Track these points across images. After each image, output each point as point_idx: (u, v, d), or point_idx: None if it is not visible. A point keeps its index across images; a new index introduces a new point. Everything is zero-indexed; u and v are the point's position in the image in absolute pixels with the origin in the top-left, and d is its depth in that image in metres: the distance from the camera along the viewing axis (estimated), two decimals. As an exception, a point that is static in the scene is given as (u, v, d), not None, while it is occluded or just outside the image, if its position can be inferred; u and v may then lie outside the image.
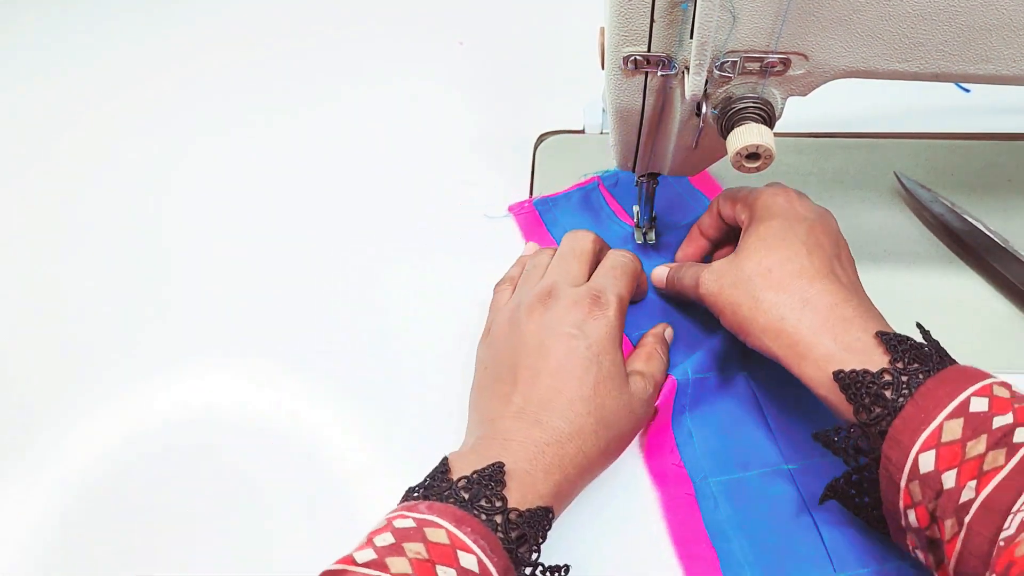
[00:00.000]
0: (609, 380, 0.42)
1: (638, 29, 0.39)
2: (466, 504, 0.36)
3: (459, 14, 0.75)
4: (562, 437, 0.40)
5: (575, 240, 0.49)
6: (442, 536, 0.34)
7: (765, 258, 0.43)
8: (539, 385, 0.41)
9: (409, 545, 0.34)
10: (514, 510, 0.37)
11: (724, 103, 0.41)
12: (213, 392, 0.50)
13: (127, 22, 0.78)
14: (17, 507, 0.46)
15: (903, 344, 0.38)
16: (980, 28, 0.37)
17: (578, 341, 0.42)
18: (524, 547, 0.37)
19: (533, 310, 0.44)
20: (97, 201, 0.62)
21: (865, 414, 0.37)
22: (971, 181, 0.57)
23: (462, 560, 0.34)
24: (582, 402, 0.41)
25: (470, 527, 0.35)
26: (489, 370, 0.45)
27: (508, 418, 0.41)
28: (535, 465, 0.39)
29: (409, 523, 0.35)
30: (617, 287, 0.45)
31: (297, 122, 0.67)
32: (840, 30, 0.38)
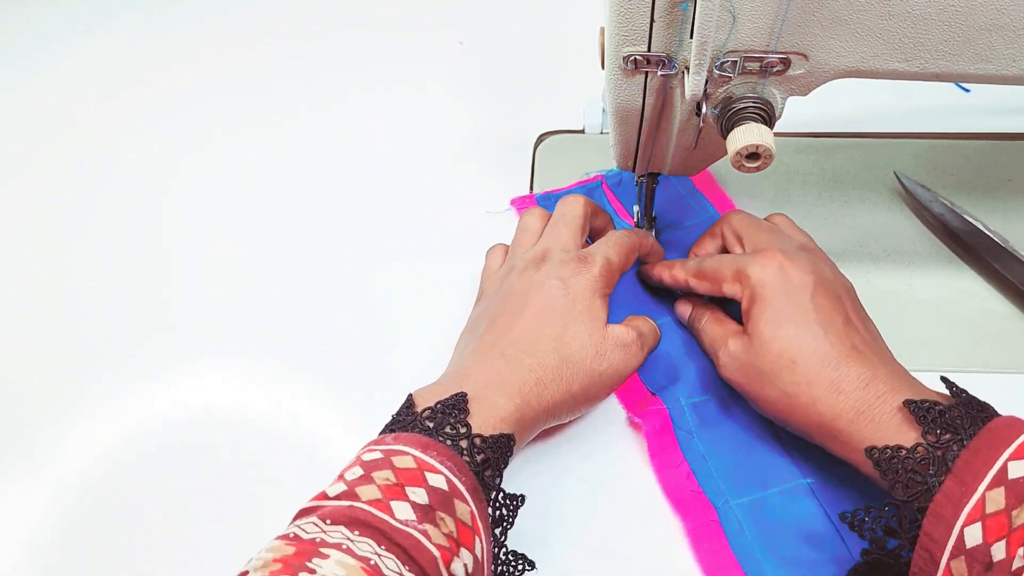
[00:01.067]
0: (579, 322, 0.43)
1: (638, 29, 0.39)
2: (431, 432, 0.38)
3: (459, 14, 0.75)
4: (522, 367, 0.42)
5: (566, 206, 0.49)
6: (409, 461, 0.36)
7: (784, 349, 0.41)
8: (514, 327, 0.43)
9: (378, 473, 0.35)
10: (478, 435, 0.38)
11: (724, 103, 0.41)
12: (213, 392, 0.50)
13: (127, 23, 0.78)
14: (17, 507, 0.46)
15: (931, 413, 0.37)
16: (980, 28, 0.37)
17: (557, 290, 0.44)
18: (489, 471, 0.38)
19: (524, 272, 0.46)
20: (97, 201, 0.62)
21: (902, 491, 0.36)
22: (971, 181, 0.57)
23: (430, 480, 0.35)
24: (548, 340, 0.43)
25: (436, 451, 0.37)
26: (472, 321, 0.47)
27: (476, 354, 0.43)
28: (495, 391, 0.41)
29: (377, 455, 0.36)
30: (610, 251, 0.47)
31: (297, 122, 0.67)
32: (840, 30, 0.38)
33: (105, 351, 0.53)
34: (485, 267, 0.51)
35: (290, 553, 0.32)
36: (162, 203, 0.62)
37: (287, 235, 0.59)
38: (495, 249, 0.52)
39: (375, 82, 0.70)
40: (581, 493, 0.45)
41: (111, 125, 0.68)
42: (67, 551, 0.44)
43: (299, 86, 0.70)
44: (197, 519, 0.45)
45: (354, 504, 0.34)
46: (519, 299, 0.45)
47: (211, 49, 0.74)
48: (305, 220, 0.60)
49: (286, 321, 0.54)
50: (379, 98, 0.69)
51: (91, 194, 0.63)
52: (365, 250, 0.57)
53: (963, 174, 0.58)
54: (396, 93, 0.69)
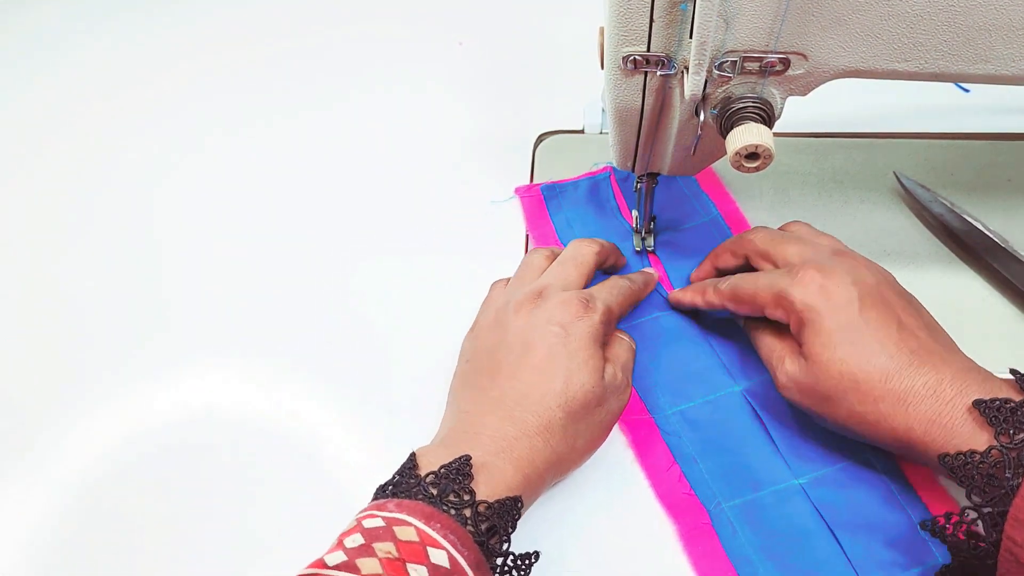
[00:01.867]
0: (582, 374, 0.42)
1: (637, 29, 0.39)
2: (434, 499, 0.37)
3: (459, 14, 0.75)
4: (531, 431, 0.40)
5: (578, 248, 0.49)
6: (411, 534, 0.35)
7: (844, 371, 0.40)
8: (517, 380, 0.42)
9: (379, 545, 0.34)
10: (483, 502, 0.37)
11: (723, 103, 0.41)
12: (213, 392, 0.50)
13: (125, 22, 0.78)
14: (17, 507, 0.46)
15: (1002, 413, 0.36)
16: (980, 28, 0.37)
17: (558, 339, 0.42)
18: (494, 538, 0.37)
19: (521, 307, 0.44)
20: (97, 201, 0.62)
21: (980, 496, 0.36)
22: (971, 181, 0.57)
23: (432, 556, 0.34)
24: (553, 396, 0.41)
25: (439, 523, 0.35)
26: (471, 363, 0.45)
27: (482, 413, 0.41)
28: (503, 459, 0.39)
29: (378, 522, 0.35)
30: (611, 299, 0.46)
31: (296, 123, 0.67)
32: (839, 30, 0.38)
33: (105, 351, 0.53)
34: (487, 298, 0.50)
35: None
36: (162, 202, 0.62)
37: (287, 235, 0.59)
38: (500, 282, 0.50)
39: (375, 82, 0.70)
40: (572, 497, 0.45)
41: (110, 125, 0.68)
42: (67, 551, 0.44)
43: (299, 86, 0.70)
44: (197, 519, 0.45)
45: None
46: (519, 344, 0.43)
47: (211, 49, 0.74)
48: (305, 220, 0.60)
49: (286, 320, 0.54)
50: (379, 98, 0.69)
51: (91, 193, 0.63)
52: (365, 250, 0.57)
53: (963, 174, 0.58)
54: (396, 93, 0.69)
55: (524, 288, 0.46)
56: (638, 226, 0.55)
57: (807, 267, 0.43)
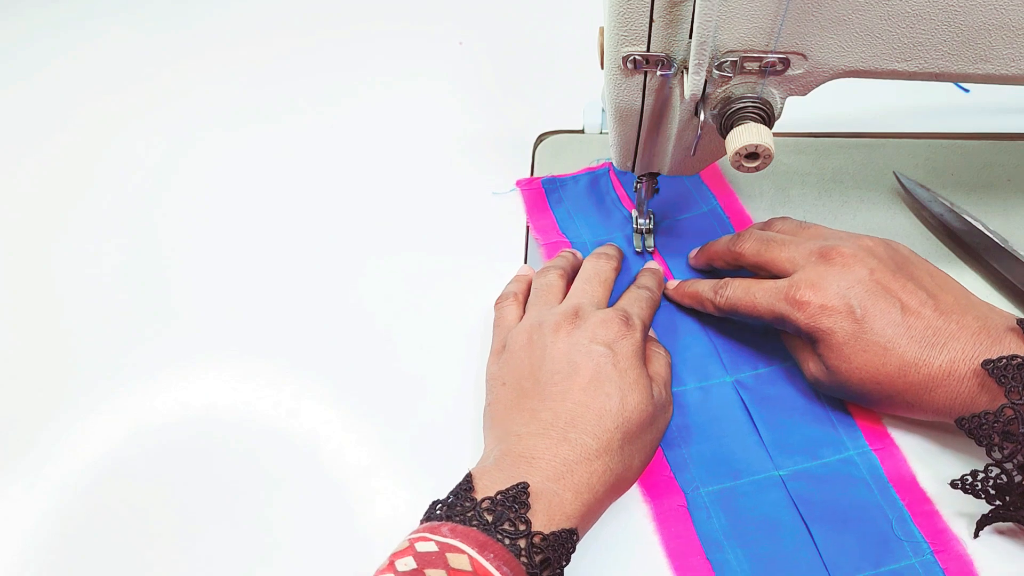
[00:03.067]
0: (634, 394, 0.42)
1: (637, 29, 0.39)
2: (489, 527, 0.36)
3: (459, 14, 0.75)
4: (590, 454, 0.39)
5: (598, 266, 0.49)
6: (464, 562, 0.34)
7: (865, 378, 0.42)
8: (568, 401, 0.41)
9: (431, 572, 0.33)
10: (538, 533, 0.36)
11: (723, 103, 0.41)
12: (213, 392, 0.50)
13: (126, 20, 0.78)
14: (17, 507, 0.46)
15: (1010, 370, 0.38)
16: (980, 28, 0.37)
17: (607, 359, 0.42)
18: (547, 571, 0.36)
19: (559, 328, 0.44)
20: (97, 200, 0.62)
21: (999, 453, 0.37)
22: (971, 181, 0.57)
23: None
24: (610, 417, 0.41)
25: (493, 552, 0.35)
26: (509, 386, 0.44)
27: (535, 435, 0.40)
28: (563, 485, 0.38)
29: (431, 547, 0.34)
30: (643, 313, 0.47)
31: (295, 123, 0.67)
32: (839, 30, 0.38)
33: (104, 350, 0.53)
34: (498, 319, 0.49)
35: None
36: (162, 201, 0.62)
37: (287, 234, 0.59)
38: (508, 301, 0.49)
39: (374, 82, 0.70)
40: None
41: (110, 124, 0.68)
42: (67, 551, 0.44)
43: (299, 86, 0.70)
44: (196, 518, 0.45)
45: None
46: (564, 364, 0.42)
47: (214, 48, 0.74)
48: (305, 219, 0.60)
49: (286, 320, 0.54)
50: (379, 98, 0.69)
51: (91, 192, 0.63)
52: (365, 249, 0.57)
53: (963, 174, 0.58)
54: (395, 93, 0.69)
55: (554, 309, 0.46)
56: (638, 226, 0.54)
57: (802, 288, 0.43)
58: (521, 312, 0.49)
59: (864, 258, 0.43)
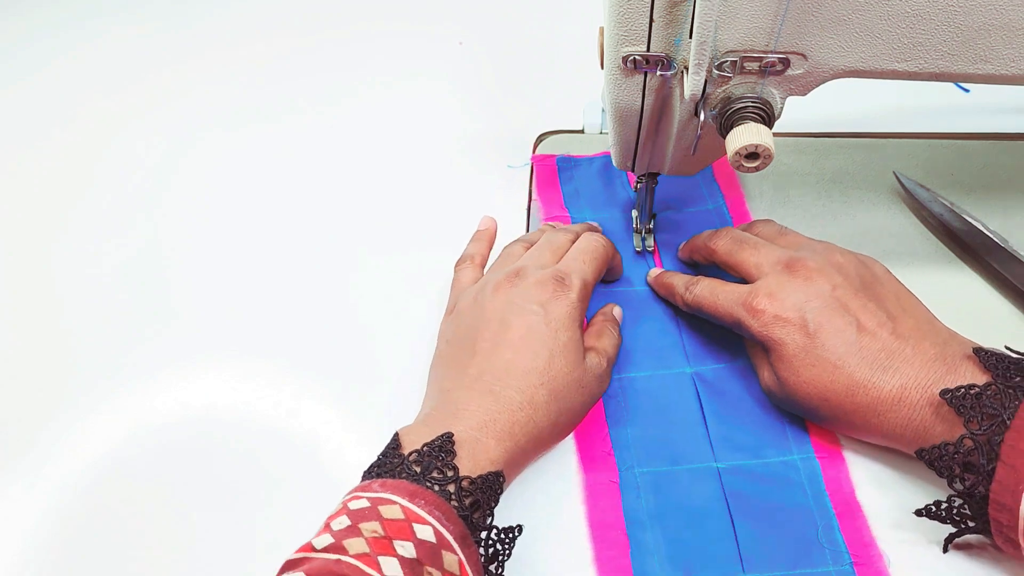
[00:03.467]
0: (564, 354, 0.43)
1: (637, 29, 0.39)
2: (418, 477, 0.37)
3: (459, 14, 0.75)
4: (513, 406, 0.41)
5: (554, 236, 0.50)
6: (396, 512, 0.35)
7: (811, 392, 0.42)
8: (497, 357, 0.43)
9: (365, 525, 0.34)
10: (466, 478, 0.38)
11: (723, 103, 0.41)
12: (213, 392, 0.50)
13: (127, 20, 0.78)
14: (17, 507, 0.46)
15: (968, 400, 0.37)
16: (980, 28, 0.37)
17: (538, 317, 0.43)
18: (478, 513, 0.38)
19: (499, 287, 0.45)
20: (97, 200, 0.62)
21: (960, 484, 0.37)
22: (971, 181, 0.57)
23: (418, 532, 0.35)
24: (536, 374, 0.42)
25: (423, 499, 0.36)
26: (451, 343, 0.46)
27: (463, 388, 0.42)
28: (486, 433, 0.40)
29: (364, 503, 0.36)
30: (583, 271, 0.47)
31: (296, 123, 0.67)
32: (839, 30, 0.38)
33: (104, 350, 0.53)
34: (455, 280, 0.51)
35: None
36: (163, 201, 0.62)
37: (287, 234, 0.59)
38: (465, 264, 0.51)
39: (375, 82, 0.70)
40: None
41: (109, 124, 0.68)
42: (67, 551, 0.44)
43: (298, 87, 0.70)
44: (196, 518, 0.45)
45: (341, 558, 0.33)
46: (497, 323, 0.44)
47: (213, 49, 0.74)
48: (305, 219, 0.60)
49: (287, 320, 0.54)
50: (379, 98, 0.69)
51: (91, 192, 0.63)
52: (365, 249, 0.57)
53: (963, 174, 0.58)
54: (396, 93, 0.69)
55: (502, 270, 0.47)
56: (638, 226, 0.54)
57: (760, 295, 0.43)
58: (478, 273, 0.50)
59: (829, 273, 0.43)
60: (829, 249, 0.46)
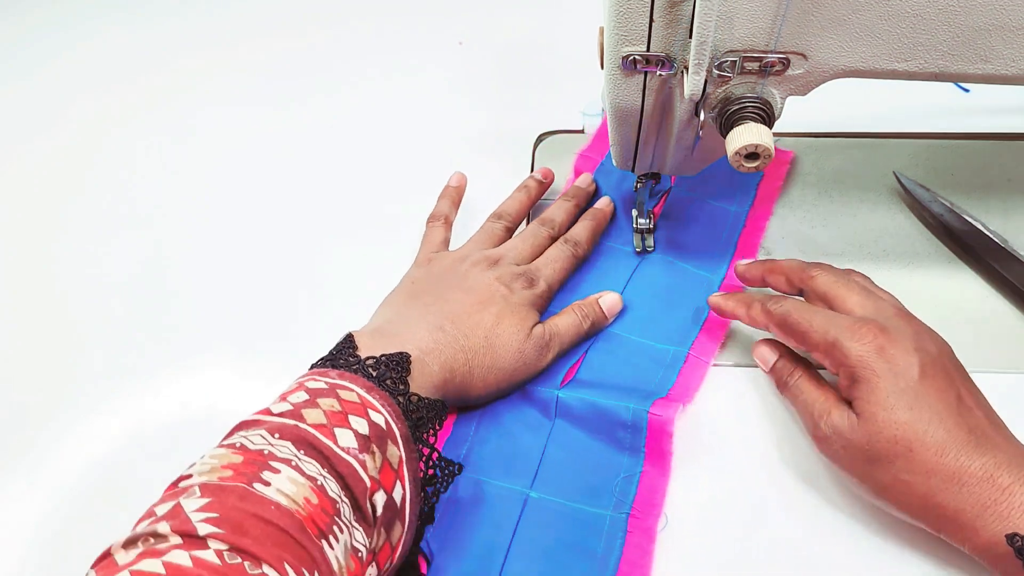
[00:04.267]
0: (511, 317, 0.47)
1: (637, 29, 0.39)
2: (373, 380, 0.40)
3: (459, 14, 0.75)
4: (457, 346, 0.45)
5: (537, 232, 0.53)
6: (353, 396, 0.38)
7: (900, 436, 0.39)
8: (454, 305, 0.47)
9: (323, 400, 0.37)
10: (415, 395, 0.41)
11: (723, 103, 0.41)
12: (214, 392, 0.50)
13: (125, 18, 0.78)
14: (17, 507, 0.46)
15: None
16: (980, 28, 0.37)
17: (501, 293, 0.48)
18: (422, 431, 0.40)
19: (477, 264, 0.50)
20: (96, 200, 0.62)
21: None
22: (971, 181, 0.57)
23: (372, 416, 0.38)
24: (483, 327, 0.46)
25: (378, 395, 0.39)
26: (416, 284, 0.50)
27: (417, 317, 0.46)
28: (432, 358, 0.43)
29: (322, 384, 0.38)
30: (551, 276, 0.51)
31: (296, 123, 0.67)
32: (839, 30, 0.38)
33: (104, 351, 0.53)
34: (428, 236, 0.54)
35: (238, 462, 0.34)
36: (163, 201, 0.62)
37: (287, 234, 0.59)
38: (439, 223, 0.55)
39: (374, 81, 0.70)
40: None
41: (110, 124, 0.68)
42: (67, 551, 0.44)
43: (298, 86, 0.70)
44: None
45: (299, 424, 0.36)
46: (465, 286, 0.48)
47: (212, 49, 0.74)
48: (305, 220, 0.60)
49: (287, 320, 0.54)
50: (378, 97, 0.69)
51: (90, 192, 0.63)
52: (365, 249, 0.57)
53: (963, 174, 0.58)
54: (396, 93, 0.69)
55: (483, 251, 0.51)
56: (638, 226, 0.54)
57: (869, 324, 0.41)
58: (447, 233, 0.55)
59: (939, 340, 0.43)
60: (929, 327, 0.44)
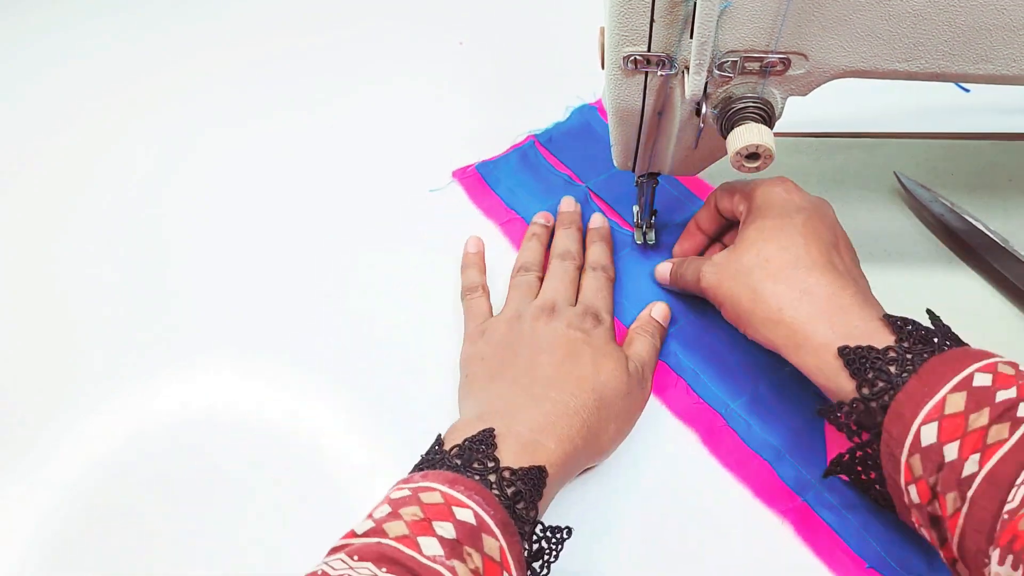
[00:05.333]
0: (608, 362, 0.45)
1: (638, 29, 0.39)
2: (459, 468, 0.38)
3: (459, 14, 0.75)
4: (569, 411, 0.42)
5: (563, 267, 0.52)
6: (436, 497, 0.36)
7: (763, 249, 0.43)
8: (546, 370, 0.44)
9: (405, 510, 0.35)
10: (507, 468, 0.38)
11: (724, 103, 0.41)
12: (214, 392, 0.50)
13: (126, 19, 0.78)
14: (17, 507, 0.46)
15: (908, 325, 0.39)
16: (980, 28, 0.37)
17: (581, 340, 0.46)
18: (521, 504, 0.38)
19: (538, 318, 0.48)
20: (98, 200, 0.62)
21: (868, 388, 0.38)
22: (971, 181, 0.57)
23: (457, 514, 0.35)
24: (586, 380, 0.44)
25: (464, 485, 0.37)
26: (487, 360, 0.47)
27: (515, 395, 0.43)
28: (546, 435, 0.41)
29: (405, 492, 0.36)
30: (607, 303, 0.50)
31: (295, 123, 0.67)
32: (840, 30, 0.38)
33: (104, 351, 0.53)
34: (472, 308, 0.51)
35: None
36: (163, 201, 0.62)
37: (287, 234, 0.59)
38: (478, 293, 0.52)
39: (373, 81, 0.70)
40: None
41: (109, 124, 0.68)
42: (67, 551, 0.44)
43: (296, 87, 0.70)
44: (197, 518, 0.45)
45: (381, 541, 0.34)
46: (543, 344, 0.46)
47: (213, 49, 0.74)
48: (305, 219, 0.60)
49: (287, 320, 0.54)
50: (378, 97, 0.69)
51: (91, 192, 0.63)
52: (366, 248, 0.57)
53: (963, 174, 0.58)
54: (395, 92, 0.69)
55: (533, 303, 0.49)
56: (639, 220, 0.55)
57: (780, 178, 0.47)
58: (489, 302, 0.52)
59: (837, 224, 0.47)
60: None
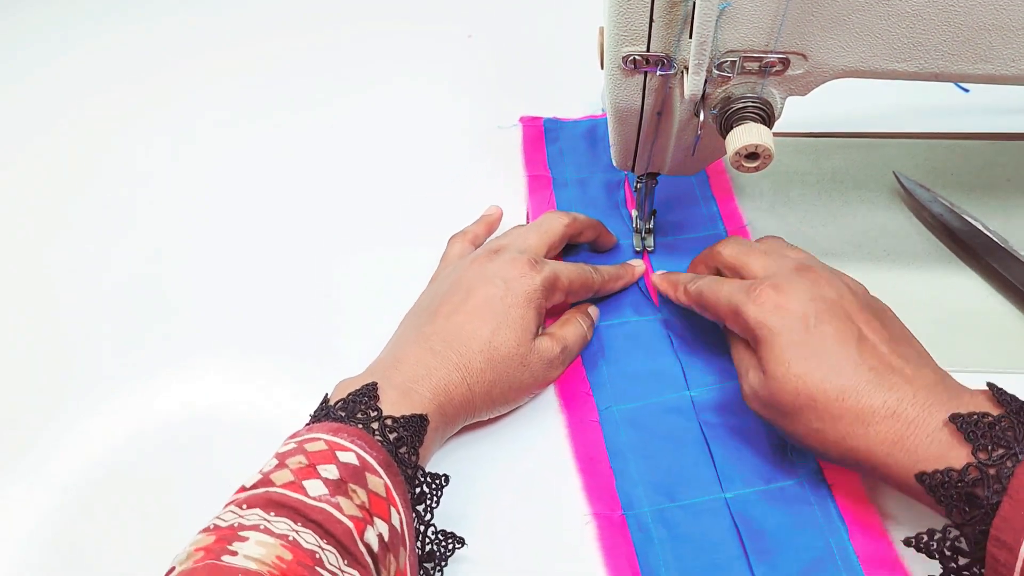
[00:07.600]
0: (510, 329, 0.45)
1: (637, 29, 0.39)
2: (343, 419, 0.40)
3: (460, 14, 0.75)
4: (449, 366, 0.43)
5: (548, 218, 0.51)
6: (320, 445, 0.37)
7: (800, 388, 0.39)
8: (451, 321, 0.45)
9: (291, 459, 0.37)
10: (389, 416, 0.40)
11: (723, 103, 0.41)
12: (214, 392, 0.50)
13: (126, 18, 0.78)
14: (17, 507, 0.46)
15: (979, 428, 0.35)
16: (980, 28, 0.37)
17: (498, 290, 0.45)
18: (403, 448, 0.39)
19: (476, 260, 0.48)
20: (96, 200, 0.62)
21: (959, 515, 0.35)
22: (971, 181, 0.57)
23: (341, 457, 0.37)
24: (478, 341, 0.44)
25: (347, 432, 0.38)
26: (418, 304, 0.49)
27: (411, 344, 0.45)
28: (421, 385, 0.42)
29: (291, 445, 0.38)
30: (560, 269, 0.48)
31: (299, 119, 0.67)
32: (839, 30, 0.38)
33: (104, 351, 0.53)
34: (445, 252, 0.53)
35: (210, 542, 0.34)
36: (163, 200, 0.62)
37: (288, 233, 0.59)
38: (458, 238, 0.53)
39: (378, 77, 0.70)
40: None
41: (107, 124, 0.68)
42: (67, 551, 0.44)
43: (302, 83, 0.70)
44: (197, 519, 0.45)
45: (269, 489, 0.35)
46: (464, 291, 0.46)
47: (214, 49, 0.74)
48: (307, 218, 0.60)
49: (287, 319, 0.54)
50: (382, 93, 0.69)
51: (90, 192, 0.63)
52: (367, 245, 0.57)
53: (963, 174, 0.58)
54: (398, 88, 0.69)
55: (486, 246, 0.50)
56: (638, 226, 0.54)
57: (764, 285, 0.42)
58: (467, 249, 0.52)
59: (838, 285, 0.43)
60: (840, 272, 0.45)
